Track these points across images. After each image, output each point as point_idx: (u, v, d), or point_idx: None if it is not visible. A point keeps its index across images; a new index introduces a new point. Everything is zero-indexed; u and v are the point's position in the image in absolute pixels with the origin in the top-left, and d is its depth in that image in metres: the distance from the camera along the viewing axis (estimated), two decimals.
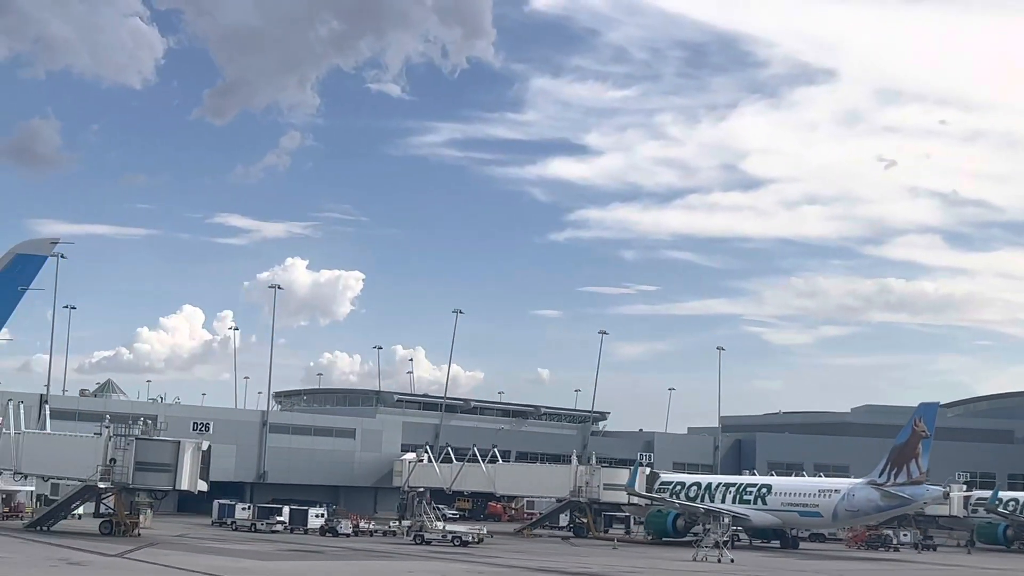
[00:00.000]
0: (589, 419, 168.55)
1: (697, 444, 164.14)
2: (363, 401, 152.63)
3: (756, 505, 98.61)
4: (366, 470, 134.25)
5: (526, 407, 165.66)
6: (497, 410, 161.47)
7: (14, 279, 70.14)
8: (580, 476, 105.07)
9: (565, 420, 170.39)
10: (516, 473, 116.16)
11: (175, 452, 77.67)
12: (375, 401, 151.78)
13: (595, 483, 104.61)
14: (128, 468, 76.68)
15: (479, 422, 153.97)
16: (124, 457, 76.94)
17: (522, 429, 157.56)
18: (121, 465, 76.77)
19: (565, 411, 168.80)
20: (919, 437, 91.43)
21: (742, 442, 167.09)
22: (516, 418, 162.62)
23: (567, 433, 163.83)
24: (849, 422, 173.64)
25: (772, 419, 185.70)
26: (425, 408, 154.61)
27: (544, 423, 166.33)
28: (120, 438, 77.79)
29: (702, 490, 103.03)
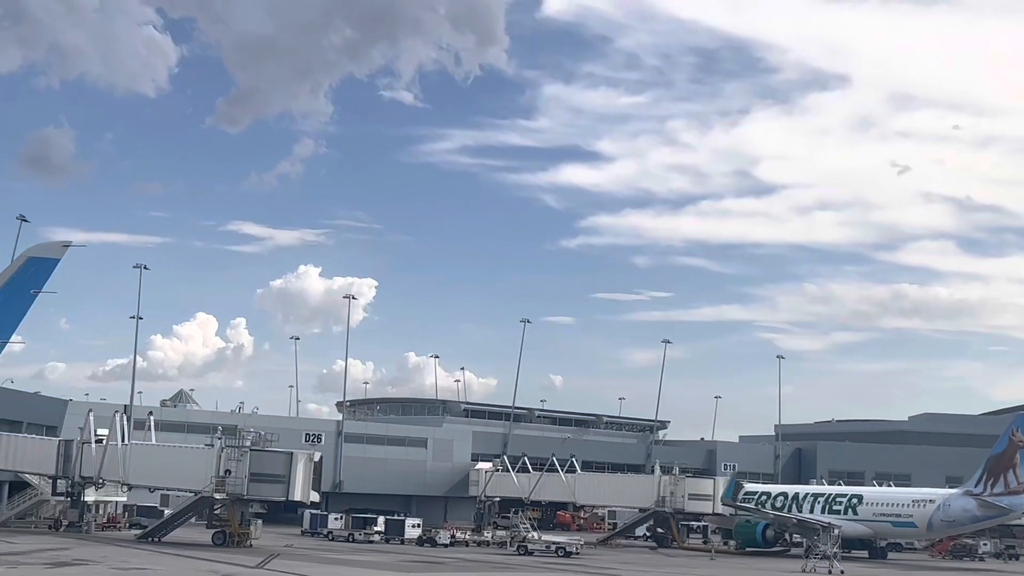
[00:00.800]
0: (650, 428, 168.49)
1: (757, 453, 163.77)
2: (429, 411, 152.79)
3: (847, 515, 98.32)
4: (438, 479, 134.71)
5: (588, 416, 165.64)
6: (559, 419, 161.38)
7: (27, 282, 70.44)
8: (664, 486, 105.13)
9: (625, 429, 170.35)
10: (597, 483, 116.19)
11: (288, 463, 78.23)
12: (441, 411, 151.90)
13: (679, 493, 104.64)
14: (243, 479, 77.23)
15: (542, 431, 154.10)
16: (238, 468, 77.51)
17: (584, 438, 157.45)
18: (236, 476, 77.30)
19: (626, 420, 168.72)
20: (1016, 447, 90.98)
21: (802, 451, 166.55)
22: (578, 427, 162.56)
23: (628, 442, 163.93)
24: (907, 431, 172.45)
25: (826, 427, 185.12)
26: (490, 417, 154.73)
27: (605, 432, 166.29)
28: (233, 449, 78.35)
29: (788, 500, 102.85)
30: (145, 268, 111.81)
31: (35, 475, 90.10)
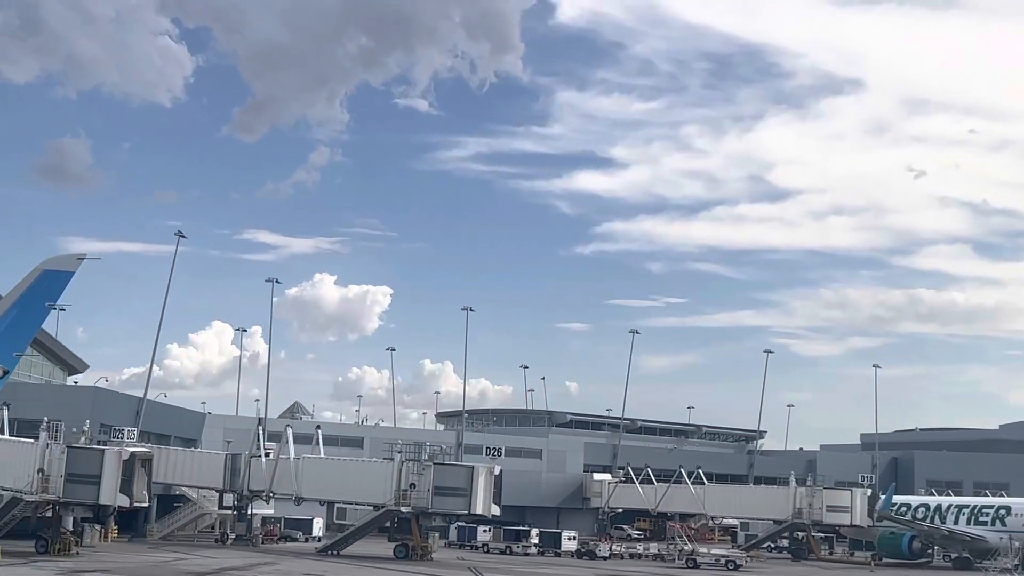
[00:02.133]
0: (747, 438, 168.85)
1: (855, 463, 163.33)
2: (534, 422, 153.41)
3: (994, 527, 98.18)
4: (552, 490, 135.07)
5: (688, 426, 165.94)
6: (659, 429, 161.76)
7: (41, 295, 70.96)
8: (800, 498, 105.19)
9: (720, 439, 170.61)
10: (728, 494, 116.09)
11: (469, 477, 78.93)
12: (546, 421, 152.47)
13: (817, 505, 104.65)
14: (427, 493, 77.98)
15: (644, 441, 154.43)
16: (421, 482, 78.28)
17: (684, 448, 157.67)
18: (419, 490, 78.08)
19: (725, 430, 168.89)
20: None
21: (898, 460, 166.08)
22: (677, 437, 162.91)
23: (725, 452, 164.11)
24: (1001, 439, 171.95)
25: (910, 436, 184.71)
26: (593, 428, 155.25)
27: (703, 442, 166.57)
28: (415, 463, 79.15)
29: (931, 512, 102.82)
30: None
31: (204, 489, 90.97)
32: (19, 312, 71.49)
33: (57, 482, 68.44)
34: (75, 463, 68.47)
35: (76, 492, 68.56)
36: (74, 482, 68.39)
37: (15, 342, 72.18)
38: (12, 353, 72.89)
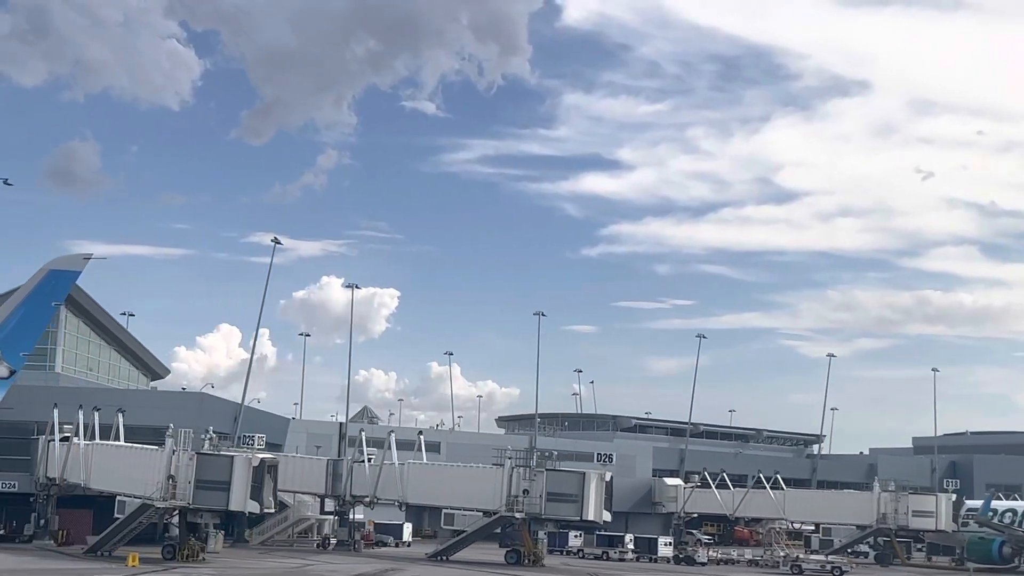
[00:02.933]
0: (806, 442, 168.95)
1: (915, 466, 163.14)
2: (598, 426, 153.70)
3: None
4: (621, 494, 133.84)
5: (749, 430, 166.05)
6: (720, 434, 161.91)
7: (48, 294, 71.06)
8: (885, 503, 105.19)
9: (778, 443, 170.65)
10: (809, 499, 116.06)
11: (581, 483, 79.21)
12: (611, 426, 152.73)
13: (902, 510, 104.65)
14: (539, 499, 78.30)
15: (706, 446, 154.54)
16: (534, 487, 78.60)
17: (744, 452, 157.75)
18: (532, 496, 78.41)
19: (785, 434, 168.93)
20: None
21: (956, 463, 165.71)
22: (738, 441, 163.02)
23: (785, 456, 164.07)
24: None
25: (961, 440, 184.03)
26: (656, 432, 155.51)
27: (763, 446, 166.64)
28: (526, 469, 79.48)
29: (1019, 516, 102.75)
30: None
31: (303, 494, 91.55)
32: (26, 311, 71.90)
33: (186, 488, 68.97)
34: (204, 469, 68.97)
35: (206, 498, 69.05)
36: (204, 488, 68.87)
37: (22, 341, 72.44)
38: (19, 353, 73.19)
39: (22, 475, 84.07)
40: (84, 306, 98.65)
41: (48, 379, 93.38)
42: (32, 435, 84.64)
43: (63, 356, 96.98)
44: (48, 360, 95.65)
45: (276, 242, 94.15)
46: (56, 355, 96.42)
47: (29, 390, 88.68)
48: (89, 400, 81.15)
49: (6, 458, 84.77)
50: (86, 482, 76.55)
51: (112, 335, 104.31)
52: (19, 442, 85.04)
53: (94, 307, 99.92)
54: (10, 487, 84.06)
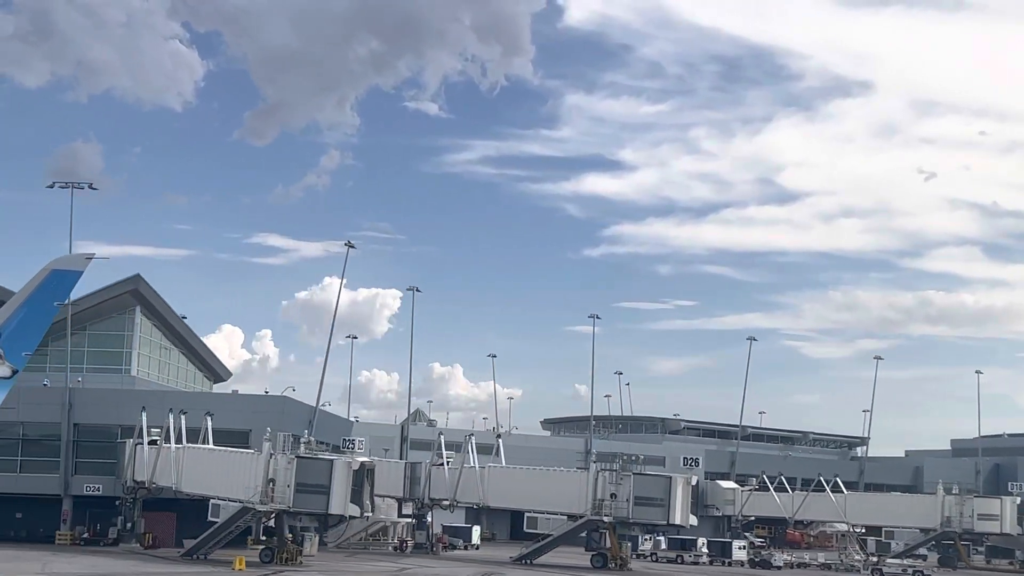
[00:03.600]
0: (850, 444, 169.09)
1: (958, 468, 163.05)
2: (647, 428, 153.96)
3: None
4: None
5: (794, 433, 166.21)
6: (766, 436, 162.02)
7: (50, 295, 71.11)
8: (949, 506, 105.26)
9: (820, 445, 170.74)
10: (871, 502, 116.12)
11: (667, 487, 79.46)
12: (660, 428, 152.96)
13: (967, 513, 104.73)
14: (627, 503, 78.53)
15: (753, 448, 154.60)
16: (620, 491, 78.81)
17: (790, 455, 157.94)
18: (619, 500, 78.62)
19: (829, 436, 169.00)
20: None
21: (1000, 466, 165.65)
22: (783, 443, 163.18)
23: (829, 458, 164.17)
24: None
25: (998, 442, 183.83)
26: (704, 435, 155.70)
27: (807, 448, 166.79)
28: (612, 472, 79.71)
29: None
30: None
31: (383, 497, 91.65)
32: (28, 311, 71.85)
33: (285, 492, 69.20)
34: (304, 473, 69.16)
35: (305, 502, 69.21)
36: (303, 492, 69.07)
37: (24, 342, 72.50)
38: (21, 353, 73.25)
39: (106, 479, 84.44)
40: (156, 308, 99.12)
41: (124, 382, 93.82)
42: (114, 439, 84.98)
43: (138, 360, 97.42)
44: (124, 363, 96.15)
45: (349, 246, 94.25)
46: (132, 358, 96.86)
47: (114, 394, 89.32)
48: (175, 403, 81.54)
49: (90, 461, 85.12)
50: (177, 485, 76.88)
51: (180, 337, 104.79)
52: (102, 446, 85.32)
53: (165, 309, 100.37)
54: (94, 490, 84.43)
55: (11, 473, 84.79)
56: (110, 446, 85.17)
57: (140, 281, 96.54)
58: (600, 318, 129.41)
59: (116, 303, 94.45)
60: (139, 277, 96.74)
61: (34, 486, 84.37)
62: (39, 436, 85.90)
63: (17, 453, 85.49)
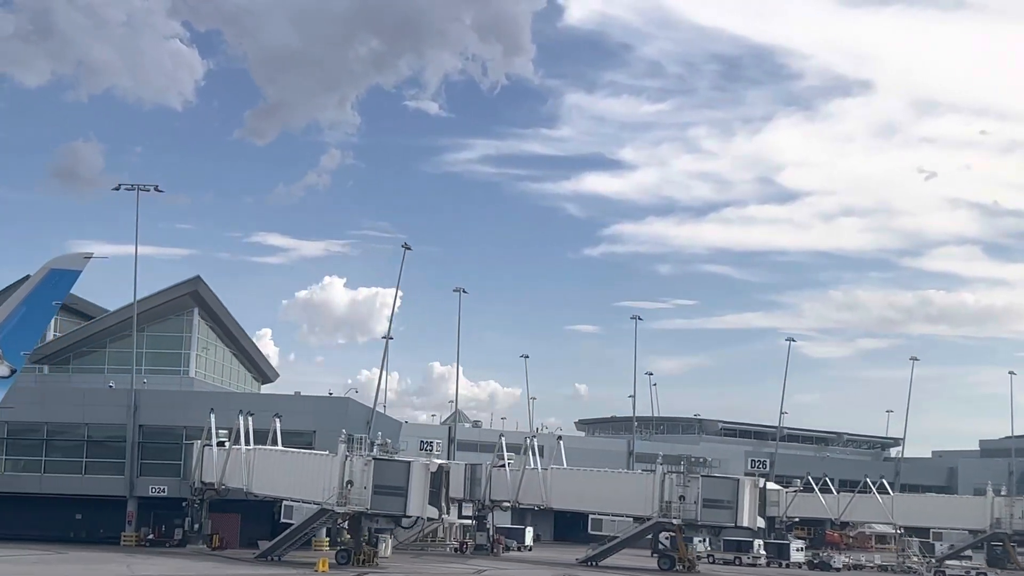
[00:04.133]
0: (883, 445, 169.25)
1: (991, 469, 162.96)
2: (684, 429, 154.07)
3: None
4: None
5: (829, 434, 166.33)
6: (801, 437, 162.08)
7: (48, 294, 71.05)
8: (999, 507, 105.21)
9: (852, 446, 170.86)
10: (918, 503, 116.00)
11: (735, 489, 79.58)
12: (697, 429, 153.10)
13: (1017, 514, 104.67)
14: (695, 505, 78.66)
15: (788, 449, 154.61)
16: (688, 493, 78.96)
17: (826, 456, 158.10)
18: (687, 502, 78.76)
19: (863, 437, 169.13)
20: None
21: None
22: (818, 444, 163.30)
23: (863, 459, 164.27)
24: None
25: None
26: (740, 436, 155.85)
27: (840, 449, 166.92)
28: (680, 475, 79.84)
29: None
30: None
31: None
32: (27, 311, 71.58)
33: (362, 494, 69.37)
34: (382, 475, 69.37)
35: (383, 504, 69.43)
36: (381, 494, 69.28)
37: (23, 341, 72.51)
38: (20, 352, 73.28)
39: (171, 480, 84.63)
40: (213, 309, 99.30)
41: (183, 384, 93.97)
42: (179, 440, 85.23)
43: (196, 361, 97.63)
44: (182, 365, 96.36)
45: (407, 247, 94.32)
46: (190, 360, 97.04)
47: (178, 395, 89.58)
48: (241, 405, 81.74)
49: (154, 463, 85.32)
50: (248, 487, 76.97)
51: (233, 338, 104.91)
52: (167, 447, 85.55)
53: (221, 310, 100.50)
54: (159, 492, 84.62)
55: (76, 475, 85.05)
56: (174, 447, 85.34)
57: (200, 283, 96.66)
58: (642, 319, 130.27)
59: (175, 304, 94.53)
60: (199, 279, 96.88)
61: (99, 488, 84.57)
62: (104, 438, 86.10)
63: (82, 455, 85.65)
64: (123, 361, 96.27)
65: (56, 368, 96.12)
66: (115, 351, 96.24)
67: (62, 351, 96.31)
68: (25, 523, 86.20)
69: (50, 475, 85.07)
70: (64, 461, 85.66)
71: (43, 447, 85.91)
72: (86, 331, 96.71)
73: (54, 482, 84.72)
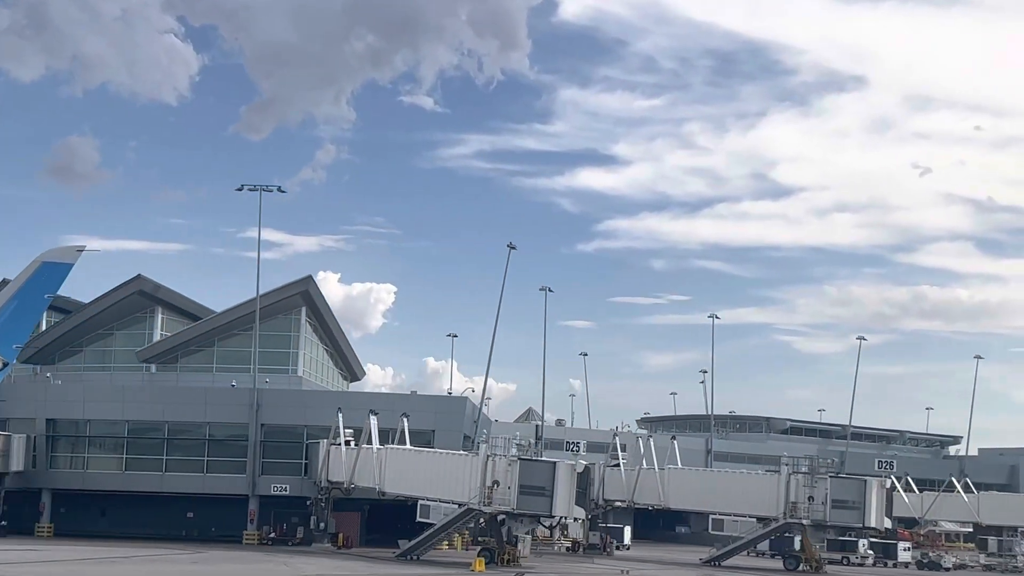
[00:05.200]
0: (942, 443, 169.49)
1: None
2: (751, 428, 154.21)
3: None
4: None
5: (892, 432, 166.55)
6: (864, 435, 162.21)
7: (41, 287, 71.20)
8: None
9: (913, 443, 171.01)
10: (1003, 502, 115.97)
11: (862, 490, 79.69)
12: (764, 428, 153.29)
13: None
14: (823, 506, 78.72)
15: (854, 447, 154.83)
16: (817, 494, 79.06)
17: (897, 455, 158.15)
18: (816, 503, 78.88)
19: (924, 435, 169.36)
20: None
21: None
22: (880, 442, 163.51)
23: (924, 457, 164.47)
24: None
25: None
26: (806, 434, 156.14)
27: (902, 448, 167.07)
28: (804, 475, 79.96)
29: None
30: (550, 290, 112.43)
31: None
32: (19, 304, 71.98)
33: (507, 494, 69.55)
34: (528, 475, 69.46)
35: (529, 504, 69.51)
36: (527, 494, 69.39)
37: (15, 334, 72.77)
38: (12, 345, 73.51)
39: (292, 479, 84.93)
40: (319, 308, 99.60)
41: (292, 383, 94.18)
42: (300, 439, 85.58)
43: (303, 360, 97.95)
44: (291, 364, 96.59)
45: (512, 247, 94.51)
46: (299, 359, 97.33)
47: (299, 395, 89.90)
48: (365, 404, 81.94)
49: (275, 462, 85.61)
50: (381, 486, 77.16)
51: (332, 336, 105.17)
52: (288, 446, 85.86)
53: (326, 309, 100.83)
54: (281, 491, 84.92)
55: (197, 474, 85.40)
56: (295, 446, 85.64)
57: (311, 283, 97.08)
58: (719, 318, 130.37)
59: (285, 304, 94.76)
60: (310, 279, 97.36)
61: (220, 486, 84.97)
62: (225, 437, 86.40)
63: (203, 454, 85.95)
64: (230, 360, 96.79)
65: (163, 367, 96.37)
66: (224, 350, 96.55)
67: (170, 351, 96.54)
68: (134, 521, 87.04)
69: (171, 474, 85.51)
70: (185, 460, 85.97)
71: (164, 446, 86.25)
72: (195, 331, 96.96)
73: (175, 481, 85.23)
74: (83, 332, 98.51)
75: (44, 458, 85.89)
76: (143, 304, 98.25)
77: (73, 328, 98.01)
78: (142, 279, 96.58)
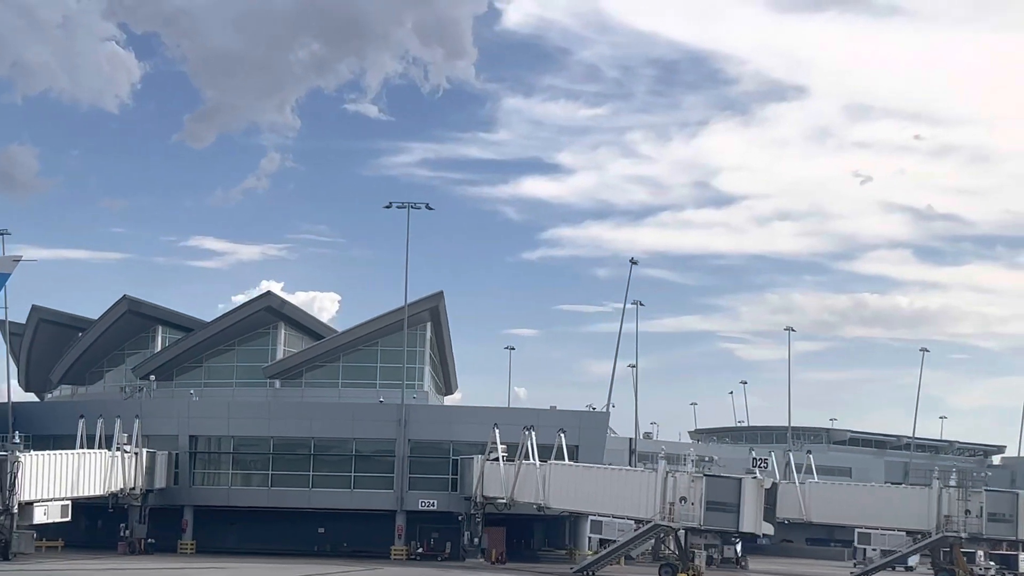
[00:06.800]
0: (983, 452, 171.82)
1: None
2: (813, 439, 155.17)
3: None
4: None
5: (940, 442, 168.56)
6: (915, 445, 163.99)
7: None
8: None
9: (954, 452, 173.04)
10: None
11: (1014, 503, 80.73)
12: (825, 439, 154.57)
13: None
14: (979, 520, 79.41)
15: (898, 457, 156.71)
16: (972, 507, 79.87)
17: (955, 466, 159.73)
18: (971, 516, 79.74)
19: (966, 445, 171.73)
20: None
21: None
22: (929, 452, 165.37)
23: (967, 466, 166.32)
24: None
25: None
26: (863, 444, 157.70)
27: (944, 457, 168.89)
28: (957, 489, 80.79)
29: None
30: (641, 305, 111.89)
31: None
32: None
33: (691, 510, 69.95)
34: (713, 491, 69.99)
35: (715, 520, 70.03)
36: (713, 510, 69.90)
37: None
38: None
39: (440, 494, 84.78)
40: (442, 323, 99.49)
41: (418, 397, 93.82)
42: (446, 455, 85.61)
43: (428, 375, 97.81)
44: (416, 379, 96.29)
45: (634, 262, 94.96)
46: (424, 374, 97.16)
47: (445, 410, 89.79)
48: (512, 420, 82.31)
49: (422, 477, 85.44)
50: (545, 502, 77.35)
51: (443, 351, 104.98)
52: (435, 462, 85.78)
53: (446, 324, 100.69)
54: (429, 506, 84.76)
55: (344, 489, 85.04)
56: (441, 462, 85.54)
57: (440, 299, 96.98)
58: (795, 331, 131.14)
59: (413, 319, 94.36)
60: (441, 295, 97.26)
61: (368, 502, 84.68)
62: (371, 452, 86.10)
63: (350, 469, 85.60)
64: (353, 375, 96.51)
65: (287, 383, 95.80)
66: (347, 366, 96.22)
67: (295, 367, 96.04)
68: (265, 537, 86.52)
69: (319, 490, 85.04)
70: (332, 476, 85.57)
71: (310, 462, 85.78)
72: (322, 347, 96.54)
73: (322, 497, 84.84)
74: (204, 348, 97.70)
75: (187, 475, 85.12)
76: (268, 320, 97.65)
77: (195, 344, 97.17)
78: (271, 295, 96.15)
